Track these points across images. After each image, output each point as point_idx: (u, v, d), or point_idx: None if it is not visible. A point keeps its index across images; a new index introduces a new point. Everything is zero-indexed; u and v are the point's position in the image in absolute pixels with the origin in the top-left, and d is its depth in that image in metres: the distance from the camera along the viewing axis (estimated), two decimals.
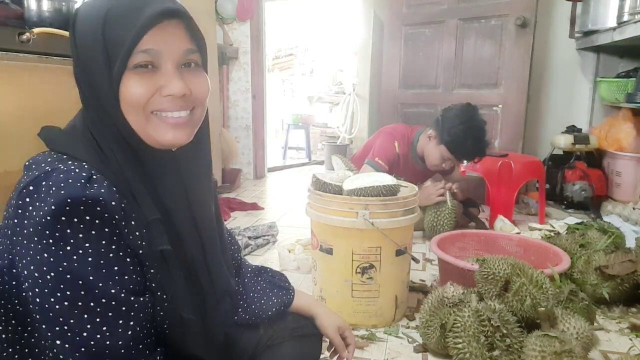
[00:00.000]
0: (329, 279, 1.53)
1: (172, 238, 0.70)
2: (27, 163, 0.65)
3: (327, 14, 5.99)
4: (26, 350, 0.67)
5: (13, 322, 0.66)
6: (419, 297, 1.71)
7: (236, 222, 2.71)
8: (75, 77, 0.69)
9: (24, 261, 0.61)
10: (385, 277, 1.48)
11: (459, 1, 3.11)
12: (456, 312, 1.23)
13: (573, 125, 3.04)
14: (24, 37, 1.41)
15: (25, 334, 0.66)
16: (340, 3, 5.66)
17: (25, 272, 0.61)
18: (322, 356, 1.21)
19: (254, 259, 2.13)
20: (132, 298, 0.63)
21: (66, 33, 1.53)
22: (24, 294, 0.63)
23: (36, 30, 1.44)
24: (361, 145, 2.90)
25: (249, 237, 2.27)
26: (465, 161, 2.28)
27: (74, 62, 0.69)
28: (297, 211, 2.94)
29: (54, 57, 1.53)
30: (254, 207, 3.05)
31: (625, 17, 2.45)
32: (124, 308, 0.63)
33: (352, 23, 5.13)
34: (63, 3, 1.61)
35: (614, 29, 2.57)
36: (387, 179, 1.48)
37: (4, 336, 0.67)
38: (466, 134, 2.13)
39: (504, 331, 1.14)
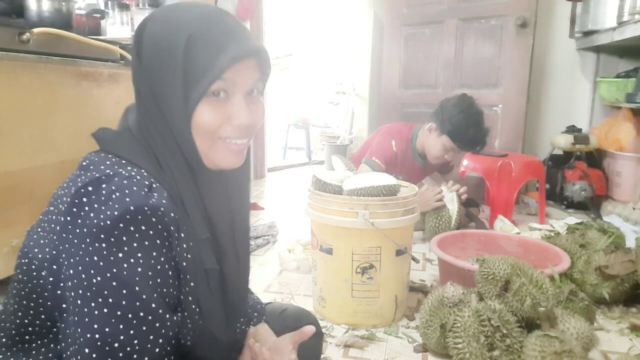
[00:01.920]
0: (329, 279, 1.53)
1: (215, 255, 0.71)
2: (83, 163, 0.65)
3: (327, 14, 5.99)
4: (51, 346, 0.68)
5: (43, 317, 0.67)
6: (419, 297, 1.71)
7: None
8: (138, 87, 0.69)
9: (71, 260, 0.60)
10: (385, 277, 1.48)
11: (459, 1, 3.11)
12: (456, 312, 1.23)
13: (573, 125, 3.04)
14: (24, 37, 1.41)
15: (54, 330, 0.67)
16: (340, 3, 5.66)
17: (71, 272, 0.60)
18: (322, 356, 1.21)
19: (254, 259, 2.13)
20: (168, 315, 0.63)
21: (66, 33, 1.53)
22: (59, 292, 0.62)
23: (36, 30, 1.44)
24: (361, 145, 2.90)
25: (249, 237, 2.27)
26: (467, 150, 2.27)
27: (139, 74, 0.69)
28: (297, 211, 2.94)
29: (54, 57, 1.53)
30: (254, 207, 3.04)
31: (625, 17, 2.45)
32: (157, 324, 0.62)
33: (352, 23, 5.13)
34: (63, 3, 1.61)
35: (614, 29, 2.57)
36: (387, 179, 1.48)
37: (30, 329, 0.68)
38: (467, 121, 2.17)
39: (504, 331, 1.14)
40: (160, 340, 0.62)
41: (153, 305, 0.61)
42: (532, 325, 1.25)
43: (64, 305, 0.63)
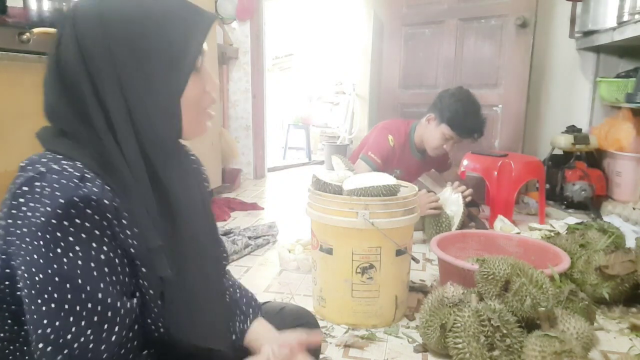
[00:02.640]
0: (329, 279, 1.53)
1: (170, 231, 0.71)
2: (22, 164, 0.66)
3: (327, 13, 5.98)
4: (25, 348, 0.68)
5: (9, 321, 0.67)
6: (419, 297, 1.71)
7: (236, 222, 2.71)
8: (81, 77, 0.65)
9: (17, 261, 0.61)
10: (385, 277, 1.48)
11: (459, 1, 3.11)
12: (456, 312, 1.23)
13: (573, 125, 3.04)
14: (24, 37, 1.42)
15: (22, 333, 0.67)
16: (340, 3, 5.66)
17: (19, 272, 0.61)
18: (321, 356, 1.21)
19: (254, 259, 2.14)
20: (119, 303, 0.63)
21: None
22: (18, 293, 0.63)
23: (36, 30, 1.44)
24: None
25: (249, 237, 2.27)
26: (466, 137, 2.28)
27: (83, 61, 0.65)
28: (297, 211, 2.94)
29: None
30: (254, 207, 3.05)
31: (625, 17, 2.45)
32: (109, 313, 0.62)
33: (352, 23, 5.13)
34: (63, 3, 1.61)
35: (614, 29, 2.57)
36: (387, 179, 1.48)
37: (2, 335, 0.67)
38: (466, 108, 2.22)
39: (504, 331, 1.14)
40: (116, 328, 0.63)
41: (100, 295, 0.62)
42: (532, 325, 1.25)
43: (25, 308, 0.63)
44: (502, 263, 1.33)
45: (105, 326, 0.62)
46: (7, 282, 0.64)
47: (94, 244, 0.62)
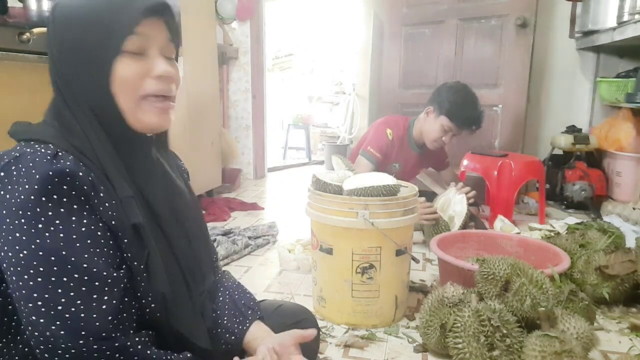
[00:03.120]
0: (329, 279, 1.53)
1: (147, 215, 0.73)
2: None
3: (327, 13, 5.98)
4: (12, 331, 0.68)
5: (6, 308, 0.68)
6: (419, 297, 1.71)
7: (236, 222, 2.71)
8: (55, 63, 0.72)
9: (1, 243, 0.63)
10: (385, 277, 1.48)
11: (459, 1, 3.11)
12: (456, 312, 1.23)
13: (573, 125, 3.04)
14: (24, 37, 1.42)
15: (14, 324, 0.68)
16: (340, 3, 5.66)
17: (2, 254, 0.63)
18: (321, 356, 1.21)
19: (254, 259, 2.14)
20: (105, 273, 0.65)
21: None
22: (5, 275, 0.64)
23: (36, 30, 1.44)
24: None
25: (249, 237, 2.27)
26: (465, 128, 2.30)
27: (53, 48, 0.72)
28: (297, 211, 2.94)
29: None
30: (254, 207, 3.05)
31: (625, 17, 2.45)
32: (97, 282, 0.64)
33: (352, 23, 5.13)
34: None
35: (614, 29, 2.57)
36: (387, 179, 1.48)
37: None
38: (464, 100, 2.26)
39: (504, 331, 1.14)
40: (106, 297, 0.64)
41: (85, 266, 0.63)
42: (532, 325, 1.25)
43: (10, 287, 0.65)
44: (502, 263, 1.33)
45: (95, 295, 0.64)
46: None
47: (73, 217, 0.63)
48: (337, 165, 1.71)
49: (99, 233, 0.66)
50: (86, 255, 0.63)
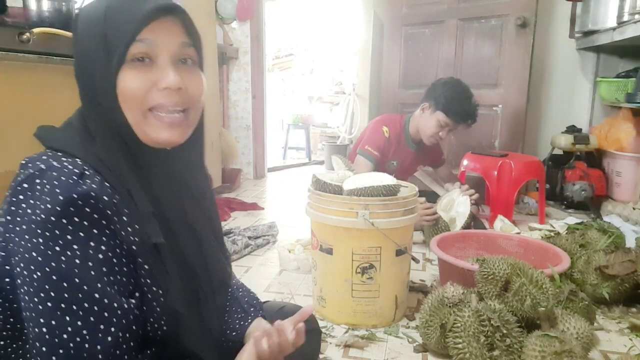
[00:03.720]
0: (329, 279, 1.53)
1: (165, 232, 0.70)
2: (22, 162, 0.66)
3: (327, 14, 5.99)
4: (27, 346, 0.67)
5: (11, 319, 0.67)
6: (419, 297, 1.71)
7: (236, 222, 2.71)
8: (75, 74, 0.70)
9: (16, 258, 0.61)
10: (385, 277, 1.48)
11: (459, 1, 3.11)
12: (456, 312, 1.23)
13: (573, 125, 3.04)
14: (24, 37, 1.41)
15: (25, 331, 0.66)
16: (340, 3, 5.66)
17: (17, 270, 0.61)
18: (321, 356, 1.21)
19: (254, 259, 2.14)
20: (116, 304, 0.63)
21: (66, 33, 1.53)
22: (18, 290, 0.63)
23: (36, 30, 1.44)
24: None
25: (249, 237, 2.27)
26: (461, 122, 2.31)
27: (75, 60, 0.70)
28: (297, 211, 2.94)
29: (54, 57, 1.53)
30: (254, 207, 3.05)
31: (625, 17, 2.45)
32: (106, 313, 0.62)
33: (352, 23, 5.13)
34: (63, 3, 1.61)
35: (614, 29, 2.57)
36: (387, 179, 1.48)
37: (4, 333, 0.67)
38: (460, 94, 2.29)
39: (504, 331, 1.14)
40: (113, 329, 0.62)
41: (97, 295, 0.61)
42: (532, 325, 1.25)
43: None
44: (502, 263, 1.33)
45: (102, 326, 0.62)
46: (7, 280, 0.64)
47: (92, 243, 0.61)
48: (337, 165, 1.71)
49: (116, 260, 0.64)
50: (99, 285, 0.61)
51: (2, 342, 0.68)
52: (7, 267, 0.63)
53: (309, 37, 6.19)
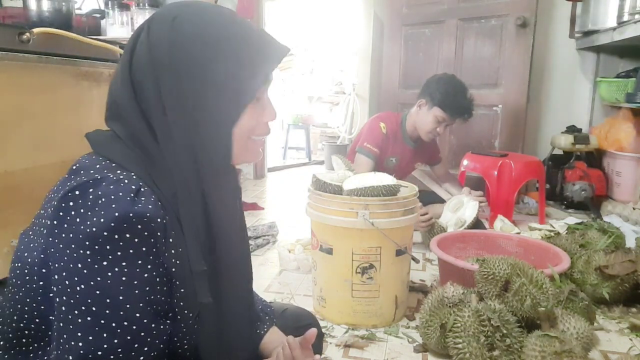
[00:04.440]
0: (329, 279, 1.53)
1: (211, 259, 0.69)
2: (74, 166, 0.64)
3: (327, 14, 5.99)
4: (48, 349, 0.67)
5: (37, 320, 0.66)
6: (419, 297, 1.71)
7: None
8: (156, 82, 0.64)
9: (57, 265, 0.60)
10: (385, 277, 1.48)
11: (459, 1, 3.11)
12: (456, 312, 1.23)
13: (573, 125, 3.04)
14: (24, 37, 1.41)
15: (49, 333, 0.66)
16: (340, 3, 5.66)
17: (56, 277, 0.60)
18: (322, 356, 1.21)
19: (254, 259, 2.13)
20: (154, 325, 0.63)
21: (66, 33, 1.53)
22: (51, 294, 0.62)
23: (36, 30, 1.44)
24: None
25: (249, 237, 2.27)
26: (457, 117, 2.33)
27: (168, 68, 0.64)
28: (297, 211, 2.94)
29: (54, 57, 1.53)
30: (254, 207, 3.05)
31: (625, 17, 2.45)
32: (143, 333, 0.62)
33: (352, 23, 5.13)
34: (63, 3, 1.61)
35: (614, 29, 2.57)
36: (387, 179, 1.48)
37: (26, 332, 0.67)
38: (455, 89, 2.31)
39: (504, 331, 1.14)
40: (146, 349, 0.62)
41: (137, 315, 0.60)
42: (532, 325, 1.25)
43: (55, 313, 0.62)
44: (502, 263, 1.33)
45: (136, 345, 0.61)
46: (41, 283, 0.64)
47: (139, 262, 0.60)
48: (337, 165, 1.71)
49: (158, 280, 0.63)
50: (141, 304, 0.61)
51: (24, 340, 0.67)
52: (44, 270, 0.63)
53: (309, 37, 6.19)
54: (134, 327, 0.60)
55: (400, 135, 2.47)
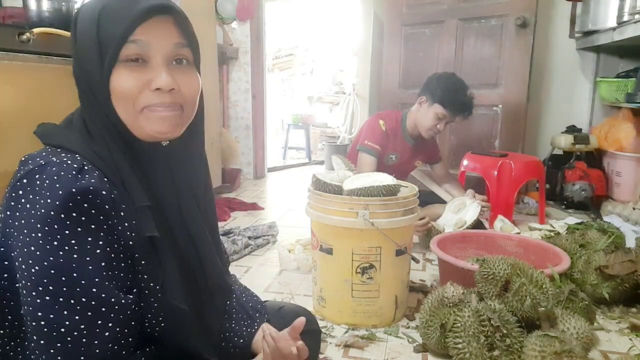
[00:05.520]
0: (329, 279, 1.53)
1: (161, 228, 0.70)
2: (22, 158, 0.66)
3: (327, 14, 5.99)
4: (26, 343, 0.67)
5: (9, 317, 0.67)
6: (419, 297, 1.71)
7: (236, 222, 2.71)
8: (74, 74, 0.70)
9: (15, 253, 0.62)
10: (385, 277, 1.48)
11: (459, 1, 3.11)
12: (456, 312, 1.23)
13: (573, 125, 3.04)
14: (24, 37, 1.41)
15: (23, 329, 0.66)
16: (340, 3, 5.66)
17: (16, 264, 0.62)
18: (321, 356, 1.21)
19: (254, 259, 2.14)
20: (114, 299, 0.63)
21: (66, 33, 1.53)
22: (17, 285, 0.63)
23: (36, 30, 1.44)
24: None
25: (249, 237, 2.27)
26: (458, 114, 2.33)
27: (73, 60, 0.70)
28: (297, 211, 2.94)
29: (54, 57, 1.53)
30: (254, 207, 3.05)
31: (625, 17, 2.45)
32: (103, 308, 0.62)
33: (352, 23, 5.13)
34: (63, 3, 1.61)
35: (614, 29, 2.57)
36: (387, 179, 1.48)
37: (1, 331, 0.67)
38: (455, 86, 2.32)
39: (504, 331, 1.14)
40: (110, 324, 0.63)
41: (95, 290, 0.61)
42: (532, 325, 1.25)
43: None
44: (502, 263, 1.33)
45: (99, 321, 0.62)
46: (5, 275, 0.65)
47: (90, 238, 0.62)
48: (337, 165, 1.71)
49: (114, 255, 0.64)
50: (97, 279, 0.61)
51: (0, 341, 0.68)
52: (6, 263, 0.64)
53: (309, 37, 6.19)
54: (93, 303, 0.61)
55: (400, 132, 2.47)
